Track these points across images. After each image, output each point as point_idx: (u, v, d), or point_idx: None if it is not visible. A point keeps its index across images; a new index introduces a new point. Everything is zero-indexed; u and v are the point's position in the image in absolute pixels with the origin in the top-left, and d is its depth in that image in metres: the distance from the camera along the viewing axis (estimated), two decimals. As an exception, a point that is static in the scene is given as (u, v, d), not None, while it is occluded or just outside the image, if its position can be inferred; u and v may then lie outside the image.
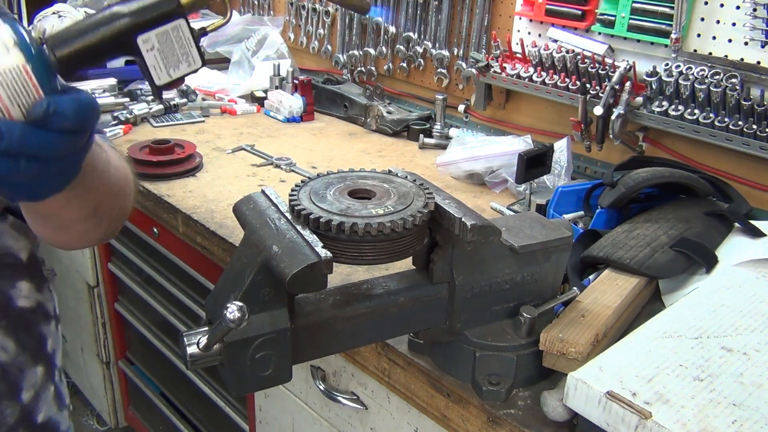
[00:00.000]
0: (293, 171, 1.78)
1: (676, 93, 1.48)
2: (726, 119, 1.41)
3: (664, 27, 1.50)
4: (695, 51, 1.49)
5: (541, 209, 1.48)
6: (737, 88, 1.38)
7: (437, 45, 2.07)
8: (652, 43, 1.55)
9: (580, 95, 1.62)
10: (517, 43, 1.77)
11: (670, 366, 0.86)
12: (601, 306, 1.04)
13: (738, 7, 1.40)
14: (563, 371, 0.93)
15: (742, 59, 1.42)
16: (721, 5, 1.43)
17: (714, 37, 1.46)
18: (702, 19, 1.47)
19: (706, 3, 1.45)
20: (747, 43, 1.41)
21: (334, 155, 1.93)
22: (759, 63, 1.40)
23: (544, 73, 1.70)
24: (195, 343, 0.77)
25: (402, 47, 2.16)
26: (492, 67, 1.82)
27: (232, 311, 0.69)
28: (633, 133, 1.63)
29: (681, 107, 1.48)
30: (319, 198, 0.84)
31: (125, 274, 2.03)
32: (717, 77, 1.42)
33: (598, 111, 1.56)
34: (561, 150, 1.64)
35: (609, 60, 1.60)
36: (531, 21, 1.78)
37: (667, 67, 1.49)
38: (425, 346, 1.04)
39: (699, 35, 1.48)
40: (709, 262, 1.18)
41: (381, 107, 2.14)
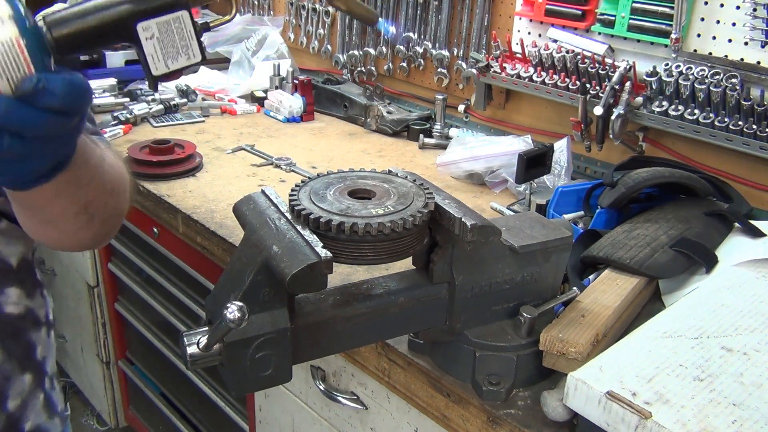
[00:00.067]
0: (293, 171, 1.78)
1: (676, 93, 1.48)
2: (726, 119, 1.41)
3: (664, 27, 1.50)
4: (695, 51, 1.49)
5: (541, 209, 1.48)
6: (737, 88, 1.38)
7: (437, 45, 2.07)
8: (652, 43, 1.55)
9: (580, 95, 1.62)
10: (517, 43, 1.77)
11: (670, 366, 0.86)
12: (601, 306, 1.04)
13: (738, 7, 1.40)
14: (563, 371, 0.93)
15: (742, 59, 1.42)
16: (721, 5, 1.43)
17: (714, 37, 1.46)
18: (702, 19, 1.47)
19: (706, 3, 1.46)
20: (747, 43, 1.41)
21: (334, 155, 1.93)
22: (759, 63, 1.40)
23: (544, 73, 1.70)
24: (195, 343, 0.77)
25: (402, 47, 2.16)
26: (492, 67, 1.82)
27: (232, 311, 0.69)
28: (633, 133, 1.63)
29: (681, 107, 1.48)
30: (319, 198, 0.84)
31: (125, 274, 2.03)
32: (717, 77, 1.42)
33: (598, 111, 1.56)
34: (561, 150, 1.64)
35: (609, 60, 1.60)
36: (531, 21, 1.78)
37: (667, 67, 1.49)
38: (425, 346, 1.04)
39: (699, 35, 1.48)
40: (709, 262, 1.18)
41: (381, 107, 2.14)
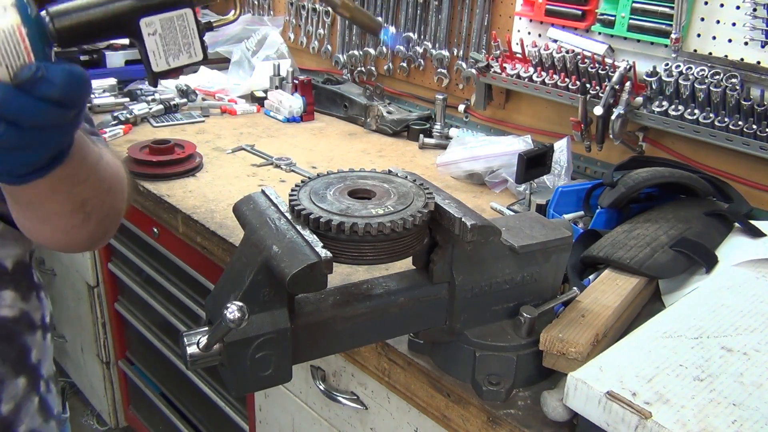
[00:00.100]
0: (293, 171, 1.78)
1: (676, 93, 1.48)
2: (726, 119, 1.41)
3: (664, 27, 1.50)
4: (695, 51, 1.49)
5: (541, 209, 1.48)
6: (737, 88, 1.38)
7: (437, 45, 2.07)
8: (652, 43, 1.55)
9: (580, 95, 1.62)
10: (517, 43, 1.77)
11: (670, 366, 0.86)
12: (601, 306, 1.04)
13: (738, 7, 1.40)
14: (563, 371, 0.93)
15: (742, 59, 1.42)
16: (721, 5, 1.43)
17: (714, 37, 1.46)
18: (702, 19, 1.47)
19: (706, 3, 1.46)
20: (747, 43, 1.41)
21: (334, 155, 1.93)
22: (759, 63, 1.40)
23: (544, 73, 1.70)
24: (195, 343, 0.77)
25: (402, 47, 2.16)
26: (492, 67, 1.82)
27: (232, 311, 0.69)
28: (633, 133, 1.63)
29: (681, 107, 1.48)
30: (319, 198, 0.84)
31: (125, 274, 2.03)
32: (717, 77, 1.42)
33: (598, 111, 1.56)
34: (561, 150, 1.64)
35: (609, 60, 1.60)
36: (531, 21, 1.78)
37: (667, 67, 1.49)
38: (425, 346, 1.04)
39: (699, 35, 1.48)
40: (709, 262, 1.18)
41: (381, 107, 2.14)
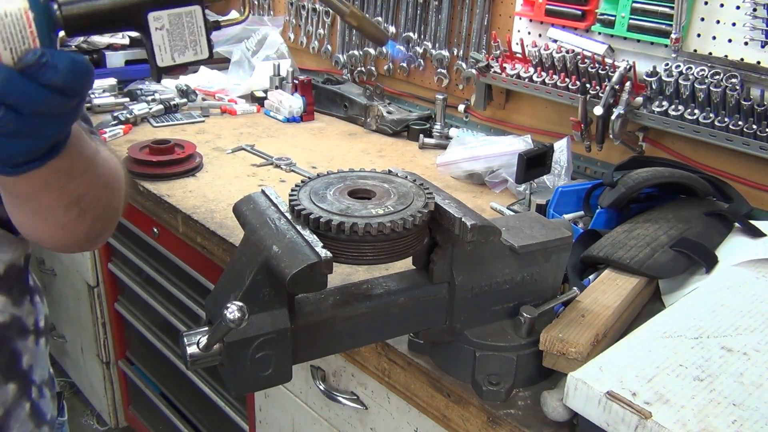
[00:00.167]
0: (293, 171, 1.78)
1: (676, 93, 1.48)
2: (726, 119, 1.41)
3: (664, 27, 1.50)
4: (695, 51, 1.49)
5: (541, 209, 1.48)
6: (737, 88, 1.38)
7: (437, 45, 2.07)
8: (652, 43, 1.55)
9: (580, 95, 1.62)
10: (517, 43, 1.77)
11: (670, 366, 0.86)
12: (601, 306, 1.04)
13: (738, 7, 1.40)
14: (563, 371, 0.93)
15: (742, 59, 1.42)
16: (721, 5, 1.43)
17: (714, 37, 1.46)
18: (702, 19, 1.47)
19: (706, 3, 1.45)
20: (747, 43, 1.41)
21: (334, 155, 1.93)
22: (759, 63, 1.40)
23: (544, 73, 1.70)
24: (195, 343, 0.77)
25: (402, 47, 2.16)
26: (492, 67, 1.82)
27: (232, 311, 0.69)
28: (633, 133, 1.63)
29: (681, 107, 1.48)
30: (319, 198, 0.84)
31: (125, 274, 2.03)
32: (717, 77, 1.42)
33: (598, 111, 1.56)
34: (561, 150, 1.64)
35: (609, 60, 1.60)
36: (531, 21, 1.78)
37: (667, 67, 1.49)
38: (425, 346, 1.04)
39: (699, 35, 1.48)
40: (709, 262, 1.18)
41: (381, 107, 2.14)
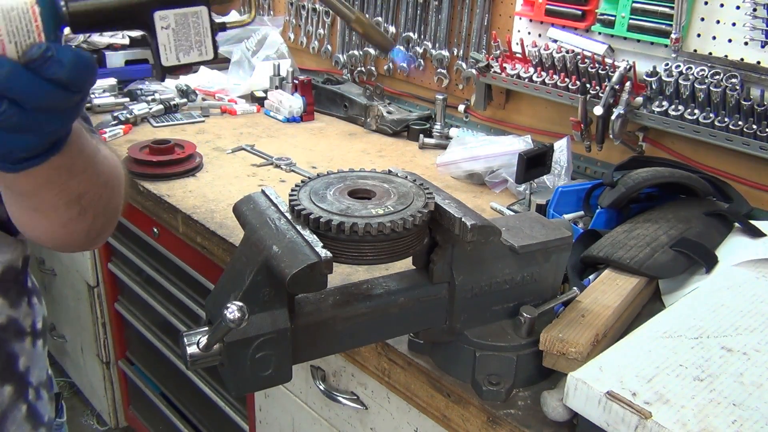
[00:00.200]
0: (293, 171, 1.78)
1: (676, 93, 1.48)
2: (726, 119, 1.41)
3: (664, 27, 1.50)
4: (695, 51, 1.49)
5: (541, 209, 1.48)
6: (737, 88, 1.38)
7: (437, 45, 2.07)
8: (652, 43, 1.55)
9: (580, 95, 1.62)
10: (517, 43, 1.77)
11: (670, 366, 0.86)
12: (601, 306, 1.04)
13: (738, 7, 1.40)
14: (563, 371, 0.93)
15: (742, 59, 1.42)
16: (721, 5, 1.43)
17: (714, 37, 1.46)
18: (702, 19, 1.47)
19: (706, 3, 1.45)
20: (747, 43, 1.41)
21: (334, 155, 1.93)
22: (759, 63, 1.40)
23: (544, 73, 1.70)
24: (195, 343, 0.77)
25: (402, 47, 2.16)
26: (492, 67, 1.82)
27: (232, 311, 0.69)
28: (633, 133, 1.63)
29: (681, 107, 1.48)
30: (319, 198, 0.84)
31: (125, 274, 2.03)
32: (717, 77, 1.42)
33: (598, 111, 1.56)
34: (561, 150, 1.64)
35: (609, 60, 1.60)
36: (531, 21, 1.78)
37: (667, 67, 1.49)
38: (425, 346, 1.04)
39: (699, 35, 1.48)
40: (709, 262, 1.18)
41: (381, 107, 2.14)
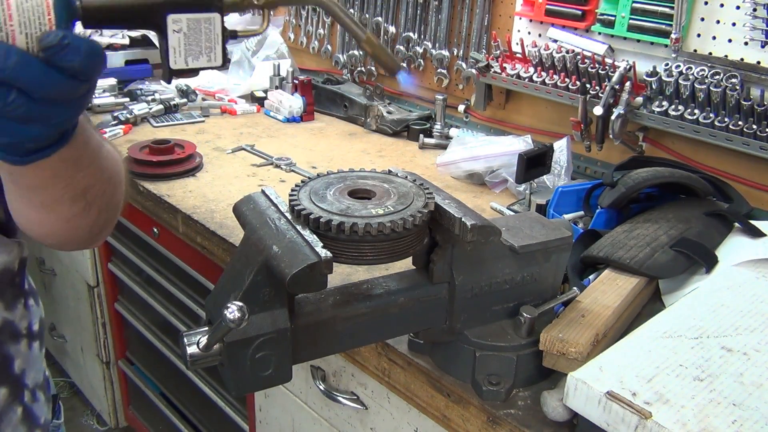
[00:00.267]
0: (293, 171, 1.78)
1: (676, 93, 1.48)
2: (726, 119, 1.41)
3: (664, 27, 1.50)
4: (695, 51, 1.49)
5: (541, 209, 1.48)
6: (737, 88, 1.38)
7: (437, 45, 2.07)
8: (652, 43, 1.55)
9: (580, 95, 1.62)
10: (517, 43, 1.77)
11: (670, 366, 0.86)
12: (601, 306, 1.04)
13: (738, 7, 1.40)
14: (563, 371, 0.93)
15: (742, 59, 1.42)
16: (721, 5, 1.43)
17: (714, 37, 1.46)
18: (702, 19, 1.47)
19: (706, 3, 1.46)
20: (747, 43, 1.41)
21: (334, 155, 1.93)
22: (759, 63, 1.40)
23: (544, 73, 1.70)
24: (195, 343, 0.77)
25: (402, 47, 2.16)
26: (492, 67, 1.82)
27: (232, 311, 0.69)
28: (633, 133, 1.63)
29: (681, 107, 1.48)
30: (319, 198, 0.84)
31: (125, 274, 2.03)
32: (717, 77, 1.42)
33: (598, 111, 1.56)
34: (561, 150, 1.64)
35: (609, 60, 1.60)
36: (531, 21, 1.78)
37: (667, 67, 1.49)
38: (425, 346, 1.04)
39: (699, 35, 1.48)
40: (709, 262, 1.18)
41: (381, 107, 2.14)
